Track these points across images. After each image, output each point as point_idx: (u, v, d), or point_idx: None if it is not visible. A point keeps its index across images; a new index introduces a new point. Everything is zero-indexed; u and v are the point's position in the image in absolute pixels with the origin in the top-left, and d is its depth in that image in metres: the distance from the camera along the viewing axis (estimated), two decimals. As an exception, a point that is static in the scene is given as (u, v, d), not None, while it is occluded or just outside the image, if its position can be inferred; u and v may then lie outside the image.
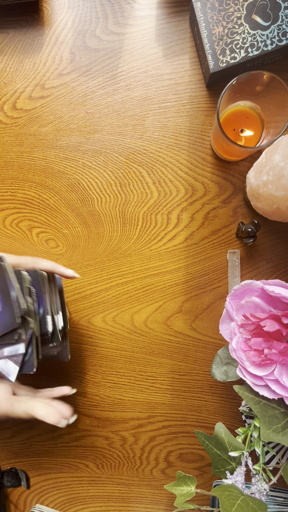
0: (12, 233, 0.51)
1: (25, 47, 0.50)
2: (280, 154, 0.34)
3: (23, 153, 0.50)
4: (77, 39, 0.49)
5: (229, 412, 0.48)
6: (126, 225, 0.49)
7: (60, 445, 0.51)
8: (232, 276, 0.47)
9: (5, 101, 0.50)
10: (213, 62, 0.43)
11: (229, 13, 0.42)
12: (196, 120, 0.48)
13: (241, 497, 0.30)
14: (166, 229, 0.49)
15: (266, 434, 0.31)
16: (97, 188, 0.49)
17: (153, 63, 0.48)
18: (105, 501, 0.50)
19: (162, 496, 0.49)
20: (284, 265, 0.47)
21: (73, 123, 0.50)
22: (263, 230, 0.47)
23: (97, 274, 0.50)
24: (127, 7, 0.49)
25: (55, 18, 0.49)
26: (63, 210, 0.50)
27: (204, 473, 0.49)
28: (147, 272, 0.49)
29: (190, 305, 0.48)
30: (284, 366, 0.34)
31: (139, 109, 0.49)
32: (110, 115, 0.49)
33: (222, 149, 0.44)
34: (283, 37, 0.42)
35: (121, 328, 0.49)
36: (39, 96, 0.50)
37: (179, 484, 0.36)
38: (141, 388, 0.49)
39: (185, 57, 0.48)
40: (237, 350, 0.35)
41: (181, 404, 0.49)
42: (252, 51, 0.42)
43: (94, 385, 0.50)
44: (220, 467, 0.35)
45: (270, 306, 0.35)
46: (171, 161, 0.48)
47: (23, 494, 0.51)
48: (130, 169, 0.49)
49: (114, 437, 0.50)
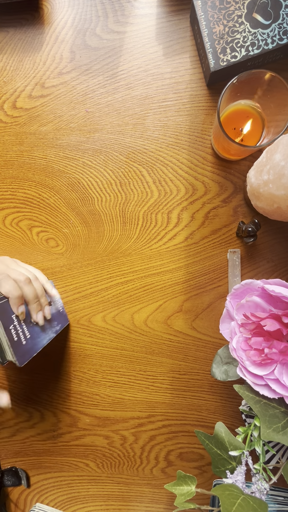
0: (12, 232, 0.51)
1: (25, 45, 0.50)
2: (281, 153, 0.34)
3: (23, 152, 0.50)
4: (77, 38, 0.49)
5: (229, 411, 0.48)
6: (127, 224, 0.49)
7: (60, 444, 0.51)
8: (233, 276, 0.47)
9: (5, 100, 0.50)
10: (213, 60, 0.43)
11: (229, 11, 0.42)
12: (196, 119, 0.48)
13: (242, 496, 0.30)
14: (166, 229, 0.49)
15: (266, 433, 0.31)
16: (97, 187, 0.49)
17: (153, 62, 0.48)
18: (105, 500, 0.50)
19: (162, 495, 0.50)
20: (284, 264, 0.47)
21: (73, 122, 0.49)
22: (264, 230, 0.47)
23: (97, 273, 0.50)
24: (127, 6, 0.48)
25: (55, 16, 0.49)
26: (63, 209, 0.50)
27: (204, 472, 0.49)
28: (147, 271, 0.49)
29: (190, 304, 0.48)
30: (284, 365, 0.34)
31: (140, 108, 0.48)
32: (110, 114, 0.49)
33: (223, 148, 0.44)
34: (284, 35, 0.42)
35: (121, 328, 0.49)
36: (39, 95, 0.50)
37: (179, 484, 0.36)
38: (141, 388, 0.49)
39: (186, 56, 0.48)
40: (237, 349, 0.35)
41: (181, 404, 0.49)
42: (253, 49, 0.42)
43: (94, 384, 0.50)
44: (220, 467, 0.35)
45: (271, 306, 0.35)
46: (172, 160, 0.48)
47: (24, 493, 0.51)
48: (131, 168, 0.49)
49: (114, 436, 0.50)
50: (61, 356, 0.50)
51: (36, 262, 0.50)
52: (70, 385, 0.50)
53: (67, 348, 0.44)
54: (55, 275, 0.50)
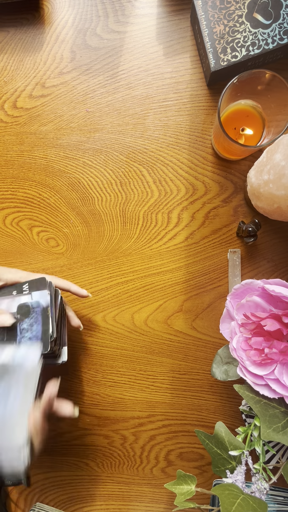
0: (12, 232, 0.51)
1: (26, 45, 0.50)
2: (281, 153, 0.34)
3: (24, 152, 0.50)
4: (77, 38, 0.49)
5: (229, 411, 0.48)
6: (127, 224, 0.49)
7: (61, 443, 0.51)
8: (233, 276, 0.47)
9: (6, 100, 0.50)
10: (214, 60, 0.43)
11: (230, 11, 0.42)
12: (197, 119, 0.48)
13: (241, 496, 0.30)
14: (166, 228, 0.49)
15: (266, 433, 0.31)
16: (98, 187, 0.49)
17: (153, 62, 0.48)
18: (105, 500, 0.50)
19: (162, 494, 0.50)
20: (284, 264, 0.47)
21: (73, 122, 0.49)
22: (264, 230, 0.47)
23: (98, 273, 0.50)
24: (127, 5, 0.48)
25: (55, 16, 0.49)
26: (63, 209, 0.50)
27: (204, 472, 0.49)
28: (148, 271, 0.49)
29: (190, 304, 0.48)
30: (284, 365, 0.34)
31: (140, 108, 0.48)
32: (110, 114, 0.49)
33: (223, 148, 0.44)
34: (284, 35, 0.42)
35: (121, 327, 0.49)
36: (40, 94, 0.50)
37: (179, 483, 0.36)
38: (141, 387, 0.49)
39: (186, 56, 0.48)
40: (237, 349, 0.35)
41: (181, 403, 0.49)
42: (253, 49, 0.42)
43: (94, 384, 0.50)
44: (220, 466, 0.35)
45: (271, 306, 0.35)
46: (172, 160, 0.48)
47: (24, 492, 0.51)
48: (131, 168, 0.49)
49: (114, 436, 0.50)
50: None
51: (36, 262, 0.50)
52: (70, 384, 0.50)
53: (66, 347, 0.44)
54: (56, 275, 0.50)
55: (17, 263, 0.51)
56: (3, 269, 0.41)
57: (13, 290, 0.40)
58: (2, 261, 0.51)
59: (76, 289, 0.43)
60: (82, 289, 0.43)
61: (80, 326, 0.43)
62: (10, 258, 0.51)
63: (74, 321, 0.43)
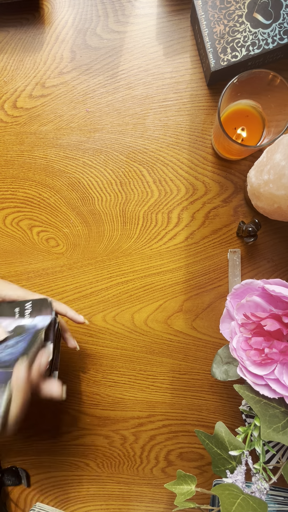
0: (12, 232, 0.51)
1: (26, 45, 0.50)
2: (281, 153, 0.34)
3: (24, 152, 0.50)
4: (77, 38, 0.49)
5: (229, 411, 0.48)
6: (127, 224, 0.49)
7: (61, 443, 0.51)
8: (233, 276, 0.47)
9: (6, 100, 0.50)
10: (214, 60, 0.43)
11: (230, 11, 0.42)
12: (197, 119, 0.48)
13: (241, 496, 0.30)
14: (166, 228, 0.49)
15: (267, 433, 0.31)
16: (98, 187, 0.49)
17: (153, 62, 0.48)
18: (105, 500, 0.50)
19: (162, 495, 0.50)
20: (284, 264, 0.47)
21: (73, 122, 0.49)
22: (264, 230, 0.47)
23: (98, 273, 0.50)
24: (127, 5, 0.48)
25: (55, 16, 0.49)
26: (63, 209, 0.50)
27: (204, 472, 0.49)
28: (148, 271, 0.49)
29: (190, 304, 0.48)
30: (284, 365, 0.34)
31: (140, 108, 0.48)
32: (110, 114, 0.49)
33: (223, 148, 0.44)
34: (284, 35, 0.42)
35: (121, 327, 0.49)
36: (40, 94, 0.50)
37: (179, 483, 0.36)
38: (141, 387, 0.49)
39: (186, 56, 0.48)
40: (237, 349, 0.35)
41: (181, 403, 0.49)
42: (254, 49, 0.42)
43: (94, 384, 0.50)
44: (220, 466, 0.35)
45: (271, 306, 0.35)
46: (172, 160, 0.48)
47: (24, 492, 0.51)
48: (131, 168, 0.49)
49: (115, 436, 0.50)
50: (61, 355, 0.50)
51: (36, 261, 0.50)
52: (70, 384, 0.50)
53: (67, 347, 0.44)
54: (55, 275, 0.50)
55: (17, 263, 0.51)
56: (3, 285, 0.41)
57: (15, 308, 0.40)
58: (2, 261, 0.51)
59: (73, 315, 0.42)
60: (79, 315, 0.43)
61: (76, 347, 0.43)
62: (10, 258, 0.51)
63: (70, 342, 0.43)
